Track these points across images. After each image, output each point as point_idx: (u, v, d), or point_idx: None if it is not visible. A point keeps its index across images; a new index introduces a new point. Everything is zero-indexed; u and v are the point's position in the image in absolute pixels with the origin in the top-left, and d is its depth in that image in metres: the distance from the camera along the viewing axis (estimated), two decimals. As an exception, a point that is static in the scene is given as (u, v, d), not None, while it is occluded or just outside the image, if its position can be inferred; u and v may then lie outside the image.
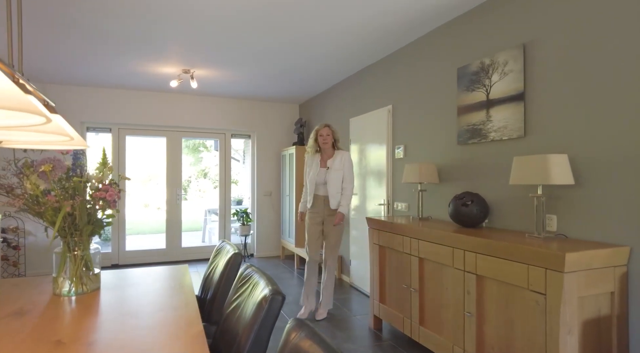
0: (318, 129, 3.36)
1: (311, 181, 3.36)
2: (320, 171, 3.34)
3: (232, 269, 1.72)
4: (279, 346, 0.95)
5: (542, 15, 2.25)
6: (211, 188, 12.43)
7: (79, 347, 1.13)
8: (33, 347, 1.14)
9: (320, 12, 2.86)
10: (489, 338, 2.08)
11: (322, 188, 3.33)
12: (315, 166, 3.38)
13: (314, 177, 3.35)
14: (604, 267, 1.77)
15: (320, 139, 3.33)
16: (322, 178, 3.32)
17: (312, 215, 3.37)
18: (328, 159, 3.35)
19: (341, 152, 3.36)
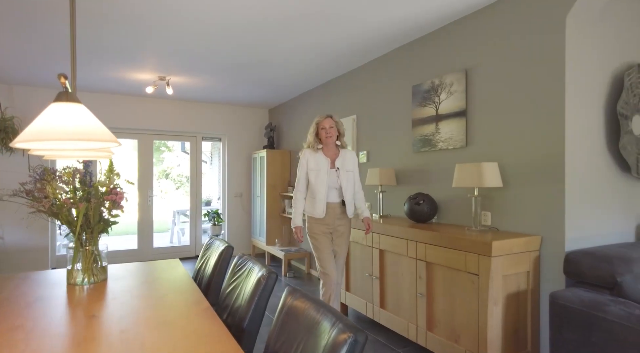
0: (319, 121, 2.82)
1: (322, 185, 2.74)
2: (330, 172, 2.78)
3: (225, 259, 2.04)
4: (278, 308, 1.30)
5: (480, 47, 2.73)
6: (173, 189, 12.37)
7: (112, 320, 1.42)
8: (76, 320, 1.41)
9: (288, 34, 3.21)
10: (436, 314, 2.52)
11: (334, 193, 2.79)
12: (324, 167, 2.77)
13: (325, 180, 2.75)
14: (522, 252, 2.25)
15: (323, 133, 2.78)
16: (336, 181, 2.77)
17: (323, 227, 2.77)
18: (335, 158, 2.82)
19: (347, 150, 2.90)
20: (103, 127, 0.99)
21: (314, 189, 2.78)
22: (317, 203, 2.76)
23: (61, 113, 0.93)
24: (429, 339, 2.54)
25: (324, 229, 2.78)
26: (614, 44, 2.45)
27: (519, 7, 2.46)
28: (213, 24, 3.02)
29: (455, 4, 2.67)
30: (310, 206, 2.81)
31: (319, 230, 2.77)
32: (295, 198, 2.85)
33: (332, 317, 1.04)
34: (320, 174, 2.76)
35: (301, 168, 2.84)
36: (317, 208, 2.76)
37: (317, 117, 2.87)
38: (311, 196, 2.81)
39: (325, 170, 2.77)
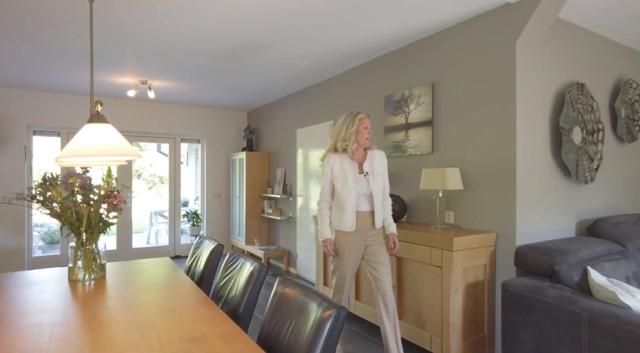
0: (362, 117, 2.45)
1: (350, 193, 2.41)
2: (359, 178, 2.44)
3: (216, 256, 2.24)
4: (271, 295, 1.53)
5: (444, 64, 3.04)
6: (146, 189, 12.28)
7: (122, 309, 1.61)
8: (90, 311, 1.59)
9: (269, 47, 3.43)
10: (405, 303, 2.80)
11: (364, 201, 2.45)
12: (351, 172, 2.44)
13: (354, 188, 2.42)
14: (480, 247, 2.57)
15: (365, 133, 2.45)
16: (365, 188, 2.44)
17: (354, 242, 2.42)
18: (362, 161, 2.49)
19: (375, 150, 2.55)
20: (127, 144, 1.20)
21: (341, 198, 2.43)
22: (345, 214, 2.41)
23: (95, 133, 1.13)
24: (399, 327, 2.82)
25: (354, 243, 2.42)
26: (556, 65, 2.82)
27: (477, 30, 2.78)
28: (195, 35, 3.20)
29: (420, 25, 2.97)
30: (337, 217, 2.45)
31: (348, 245, 2.42)
32: (320, 208, 2.53)
33: (319, 298, 1.29)
34: (347, 182, 2.42)
35: (325, 176, 2.51)
36: (345, 220, 2.41)
37: (354, 112, 2.47)
38: (338, 207, 2.46)
39: (354, 176, 2.43)
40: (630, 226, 2.87)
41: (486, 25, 2.73)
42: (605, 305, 1.89)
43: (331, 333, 1.17)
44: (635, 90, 3.34)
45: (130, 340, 1.30)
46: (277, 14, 2.79)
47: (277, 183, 5.71)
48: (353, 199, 2.42)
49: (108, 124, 1.18)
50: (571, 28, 2.92)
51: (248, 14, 2.80)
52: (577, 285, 2.21)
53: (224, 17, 2.84)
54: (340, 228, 2.45)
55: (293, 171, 5.31)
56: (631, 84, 3.31)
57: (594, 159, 3.01)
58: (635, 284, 2.42)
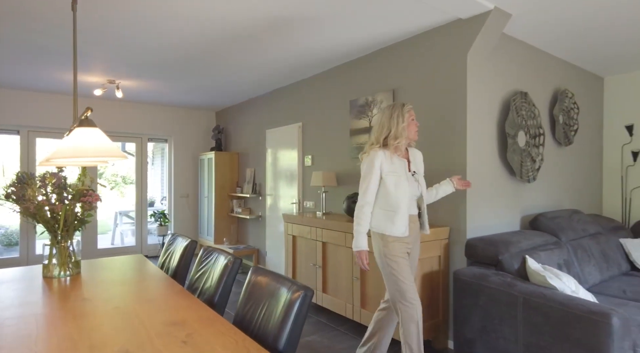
0: (409, 108, 2.29)
1: (405, 194, 2.21)
2: (409, 178, 2.27)
3: (190, 252, 2.36)
4: (245, 283, 1.69)
5: (404, 72, 3.29)
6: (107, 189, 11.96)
7: (103, 301, 1.71)
8: (73, 303, 1.68)
9: (238, 50, 3.56)
10: (369, 293, 3.02)
11: (414, 205, 2.30)
12: (403, 171, 2.25)
13: (408, 189, 2.23)
14: (435, 240, 2.83)
15: (414, 126, 2.29)
16: (417, 188, 2.28)
17: (404, 247, 2.24)
18: (407, 158, 2.33)
19: (416, 149, 2.45)
20: (114, 146, 1.32)
21: (393, 200, 2.20)
22: (398, 218, 2.19)
23: (84, 136, 1.25)
24: (364, 315, 3.04)
25: (404, 249, 2.23)
26: (502, 76, 3.13)
27: (433, 42, 3.05)
28: (166, 35, 3.28)
29: (382, 35, 3.20)
30: (386, 221, 2.21)
31: (400, 251, 2.20)
32: (362, 213, 2.24)
33: (289, 283, 1.46)
34: (401, 181, 2.20)
35: (373, 172, 2.22)
36: (398, 225, 2.19)
37: (399, 103, 2.28)
38: (388, 209, 2.22)
39: (405, 175, 2.23)
40: (564, 220, 3.23)
41: (441, 38, 3.00)
42: (537, 287, 2.18)
43: (300, 310, 1.34)
44: (570, 99, 3.74)
45: (115, 325, 1.42)
46: (246, 19, 2.93)
47: (247, 183, 5.81)
48: (407, 200, 2.20)
49: (96, 128, 1.29)
50: (515, 43, 3.24)
51: (218, 17, 2.92)
52: (517, 271, 2.50)
53: (195, 18, 2.95)
54: (391, 232, 2.19)
55: (262, 171, 5.43)
56: (567, 94, 3.70)
57: (536, 161, 3.35)
58: (565, 269, 2.75)
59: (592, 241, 3.27)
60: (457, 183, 2.46)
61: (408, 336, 2.17)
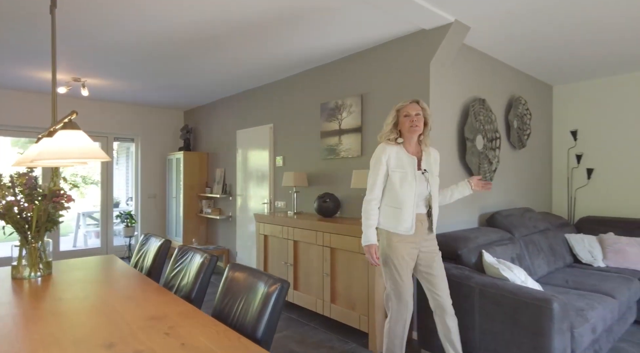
0: (401, 106, 2.24)
1: (411, 191, 2.17)
2: (418, 175, 2.20)
3: (164, 251, 2.40)
4: (223, 279, 1.77)
5: (371, 78, 3.45)
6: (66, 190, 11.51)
7: (81, 299, 1.74)
8: (49, 302, 1.70)
9: (208, 51, 3.61)
10: (338, 288, 3.16)
11: (421, 203, 2.24)
12: (410, 168, 2.19)
13: (414, 186, 2.18)
14: (400, 237, 3.00)
15: (406, 122, 2.19)
16: (425, 187, 2.21)
17: (409, 247, 2.20)
18: (419, 156, 2.26)
19: (433, 150, 2.36)
20: (98, 148, 1.37)
21: (399, 197, 2.16)
22: (403, 215, 2.15)
23: (68, 138, 1.29)
24: (333, 310, 3.17)
25: (409, 249, 2.19)
26: (462, 83, 3.36)
27: (399, 50, 3.23)
28: (134, 36, 3.28)
29: (351, 42, 3.35)
30: (391, 218, 2.19)
31: (403, 250, 2.17)
32: (369, 207, 2.23)
33: (266, 277, 1.56)
34: (407, 178, 2.16)
35: (379, 167, 2.20)
36: (403, 222, 2.15)
37: (401, 103, 2.27)
38: (393, 206, 2.19)
39: (413, 172, 2.18)
40: (517, 217, 3.51)
41: (406, 46, 3.18)
42: (492, 279, 2.39)
43: (277, 301, 1.45)
44: (524, 105, 4.05)
45: (96, 321, 1.47)
46: (219, 20, 2.99)
47: (217, 183, 5.81)
48: (413, 197, 2.16)
49: (80, 130, 1.34)
50: (474, 53, 3.49)
51: (190, 18, 2.96)
52: (475, 265, 2.72)
53: (165, 19, 2.98)
54: (395, 230, 2.17)
55: (233, 171, 5.46)
56: (521, 101, 4.00)
57: (493, 163, 3.61)
58: (517, 262, 3.01)
59: (541, 236, 3.56)
60: (475, 185, 2.35)
61: (393, 335, 2.24)
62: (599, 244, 3.80)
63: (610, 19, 2.87)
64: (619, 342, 2.97)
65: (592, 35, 3.19)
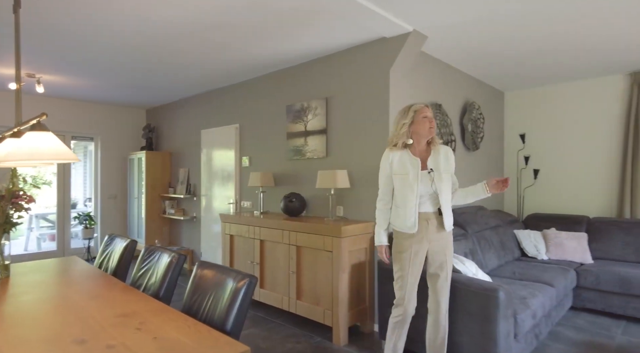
0: (418, 108, 2.27)
1: (411, 191, 2.23)
2: (422, 175, 2.26)
3: (130, 251, 2.40)
4: (191, 277, 1.82)
5: (336, 82, 3.59)
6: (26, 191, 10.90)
7: (45, 300, 1.73)
8: (11, 304, 1.68)
9: (172, 52, 3.61)
10: (304, 285, 3.26)
11: (427, 202, 2.27)
12: (412, 169, 2.25)
13: (415, 186, 2.23)
14: (362, 234, 3.15)
15: (426, 124, 2.25)
16: (429, 186, 2.25)
17: (415, 245, 2.25)
18: (426, 156, 2.31)
19: (441, 146, 2.36)
20: (68, 149, 1.40)
21: (401, 197, 2.27)
22: (406, 215, 2.24)
23: (38, 140, 1.31)
24: (299, 306, 3.27)
25: (417, 247, 2.25)
26: (420, 88, 3.56)
27: (361, 56, 3.38)
28: (98, 33, 3.23)
29: (316, 47, 3.46)
30: (397, 217, 2.30)
31: (411, 248, 2.25)
32: (378, 208, 2.37)
33: (234, 273, 1.63)
34: (408, 179, 2.25)
35: (383, 173, 2.36)
36: (406, 221, 2.24)
37: (408, 105, 2.33)
38: (398, 206, 2.30)
39: (415, 173, 2.24)
40: (471, 215, 3.76)
41: (368, 53, 3.33)
42: (446, 271, 2.58)
43: (245, 296, 1.53)
44: (477, 110, 4.33)
45: (65, 320, 1.48)
46: (183, 22, 3.01)
47: (180, 183, 5.75)
48: (414, 198, 2.23)
49: (49, 132, 1.36)
50: (432, 60, 3.70)
51: (153, 18, 2.97)
52: (431, 259, 2.90)
53: (128, 18, 2.96)
54: (401, 229, 2.28)
55: (197, 171, 5.43)
56: (474, 106, 4.28)
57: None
58: (470, 257, 3.24)
59: (492, 232, 3.84)
60: (491, 188, 2.30)
61: (390, 330, 2.35)
62: (543, 239, 4.14)
63: (552, 33, 3.16)
64: (556, 326, 3.27)
65: (538, 47, 3.49)
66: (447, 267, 2.31)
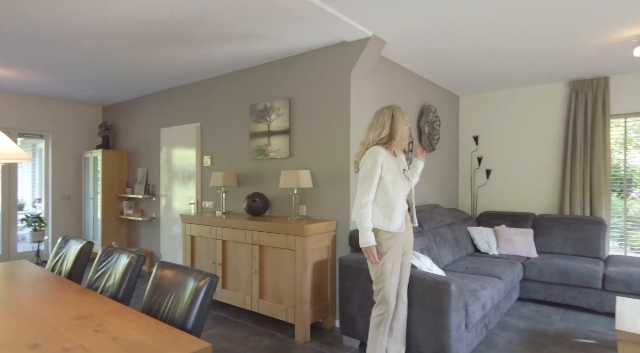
0: (403, 114, 2.38)
1: (401, 191, 2.34)
2: (403, 176, 2.40)
3: (86, 253, 2.33)
4: (151, 277, 1.81)
5: (299, 83, 3.64)
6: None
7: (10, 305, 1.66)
8: (-48, 309, 1.60)
9: (130, 49, 3.53)
10: (266, 284, 3.29)
11: (405, 200, 2.41)
12: (398, 168, 2.36)
13: (401, 185, 2.34)
14: (324, 232, 3.22)
15: (407, 132, 2.39)
16: (407, 185, 2.42)
17: (400, 243, 2.34)
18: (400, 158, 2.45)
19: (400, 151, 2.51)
20: (20, 149, 1.36)
21: (391, 196, 2.28)
22: (395, 214, 2.28)
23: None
24: (261, 305, 3.30)
25: (399, 245, 2.33)
26: (380, 92, 3.69)
27: (324, 59, 3.45)
28: (46, 26, 3.10)
29: (280, 48, 3.50)
30: (384, 217, 2.29)
31: (397, 247, 2.30)
32: (366, 210, 2.27)
33: (195, 272, 1.65)
34: (398, 179, 2.31)
35: (375, 170, 2.27)
36: (396, 220, 2.28)
37: (396, 108, 2.38)
38: (386, 206, 2.29)
39: (401, 173, 2.35)
40: (428, 213, 3.95)
41: (330, 56, 3.41)
42: (403, 267, 2.70)
43: (207, 294, 1.55)
44: (434, 113, 4.53)
45: (15, 325, 1.44)
46: (142, 20, 2.96)
47: (138, 183, 5.58)
48: (404, 196, 2.33)
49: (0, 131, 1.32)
50: (391, 64, 3.84)
51: (111, 15, 2.89)
52: (389, 256, 3.02)
53: (85, 13, 2.86)
54: (388, 228, 2.28)
55: (156, 170, 5.30)
56: (431, 109, 4.48)
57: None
58: (426, 252, 3.40)
59: (447, 230, 4.04)
60: (420, 155, 2.58)
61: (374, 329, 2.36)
62: (494, 235, 4.41)
63: (502, 44, 3.38)
64: (505, 316, 3.51)
65: (490, 56, 3.71)
66: (409, 260, 2.48)
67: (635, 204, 4.35)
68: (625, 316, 2.44)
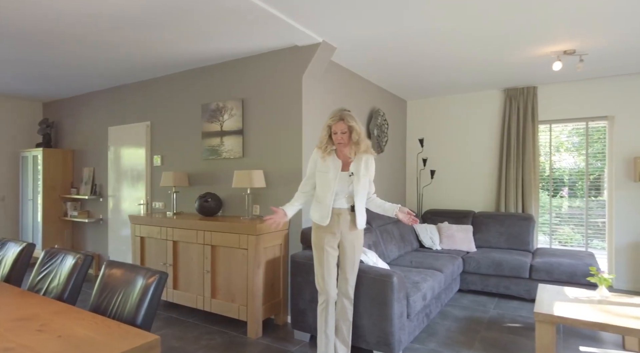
0: (330, 124, 2.51)
1: (329, 189, 2.49)
2: (342, 176, 2.52)
3: (27, 255, 2.25)
4: (99, 276, 1.81)
5: (252, 84, 3.70)
6: None
7: None
8: None
9: (78, 42, 3.42)
10: (218, 283, 3.32)
11: (342, 200, 2.53)
12: (333, 169, 2.51)
13: (332, 185, 2.49)
14: (277, 231, 3.30)
15: (336, 139, 2.51)
16: (346, 186, 2.52)
17: (328, 236, 2.52)
18: (349, 161, 2.55)
19: (366, 155, 2.56)
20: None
21: (320, 192, 2.55)
22: (321, 208, 2.52)
23: None
24: (213, 304, 3.32)
25: (330, 238, 2.53)
26: (331, 95, 3.84)
27: (276, 62, 3.54)
28: (-7, 23, 2.94)
29: (232, 49, 3.54)
30: (314, 211, 2.58)
31: (324, 239, 2.53)
32: (297, 193, 2.70)
33: (144, 270, 1.68)
34: (327, 177, 2.51)
35: (309, 167, 2.65)
36: (320, 214, 2.52)
37: (330, 118, 2.55)
38: (317, 201, 2.58)
39: (335, 173, 2.50)
40: (376, 211, 4.15)
41: (282, 59, 3.51)
42: (350, 262, 2.85)
43: (156, 291, 1.59)
44: (382, 117, 4.76)
45: (-48, 328, 1.40)
46: (88, 14, 2.89)
47: (84, 183, 5.35)
48: (330, 195, 2.49)
49: None
50: (341, 69, 4.00)
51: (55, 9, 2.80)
52: (339, 252, 3.17)
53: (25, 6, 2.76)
54: (318, 221, 2.54)
55: (104, 170, 5.11)
56: (380, 112, 4.71)
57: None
58: (374, 248, 3.59)
59: (394, 227, 4.27)
60: (400, 215, 2.62)
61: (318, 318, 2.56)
62: (437, 231, 4.71)
63: (444, 53, 3.64)
64: (445, 306, 3.78)
65: (432, 64, 3.98)
66: (355, 259, 2.59)
67: (564, 203, 4.83)
68: (544, 300, 2.75)
